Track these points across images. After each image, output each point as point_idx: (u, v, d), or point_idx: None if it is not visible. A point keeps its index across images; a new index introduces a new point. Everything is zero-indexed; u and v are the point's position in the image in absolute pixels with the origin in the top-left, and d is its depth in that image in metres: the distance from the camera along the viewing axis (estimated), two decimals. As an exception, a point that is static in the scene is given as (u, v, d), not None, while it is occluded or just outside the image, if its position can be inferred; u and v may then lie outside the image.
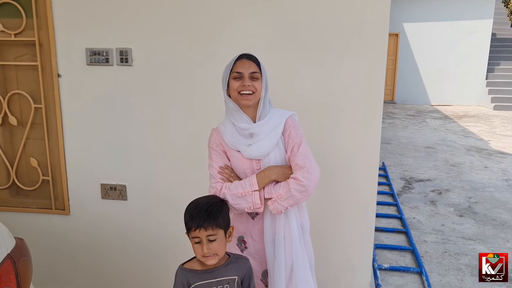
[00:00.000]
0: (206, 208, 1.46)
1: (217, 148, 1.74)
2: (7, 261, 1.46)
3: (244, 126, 1.66)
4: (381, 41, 2.15)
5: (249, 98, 1.64)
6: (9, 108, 2.52)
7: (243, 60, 1.66)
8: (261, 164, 1.69)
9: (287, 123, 1.72)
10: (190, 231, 1.44)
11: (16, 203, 2.63)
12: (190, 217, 1.45)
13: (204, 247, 1.42)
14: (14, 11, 2.36)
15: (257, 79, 1.65)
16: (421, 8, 11.68)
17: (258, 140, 1.66)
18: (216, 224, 1.44)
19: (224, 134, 1.72)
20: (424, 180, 5.34)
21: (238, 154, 1.70)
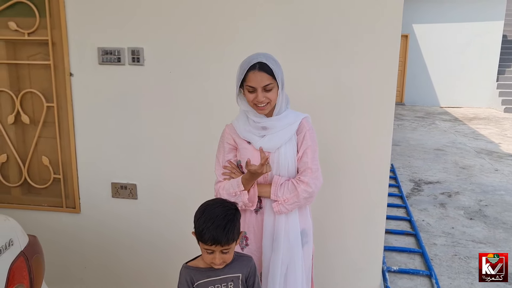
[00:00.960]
0: (224, 224, 1.40)
1: (227, 144, 1.76)
2: (20, 258, 1.48)
3: (259, 119, 1.68)
4: (393, 42, 2.14)
5: (264, 108, 1.65)
6: (21, 107, 2.54)
7: (255, 73, 1.61)
8: (271, 158, 1.67)
9: (302, 124, 1.72)
10: (204, 243, 1.41)
11: (28, 201, 2.65)
12: (206, 231, 1.39)
13: (216, 259, 1.41)
14: (27, 11, 2.39)
15: (271, 89, 1.63)
16: (431, 9, 11.60)
17: (271, 133, 1.67)
18: (232, 239, 1.43)
19: (237, 127, 1.73)
20: (434, 182, 5.30)
21: (249, 146, 1.70)
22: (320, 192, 2.35)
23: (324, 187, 2.34)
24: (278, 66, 1.65)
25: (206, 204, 1.49)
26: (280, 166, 1.68)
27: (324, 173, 2.32)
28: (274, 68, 1.62)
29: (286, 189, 1.65)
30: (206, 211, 1.45)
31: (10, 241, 1.46)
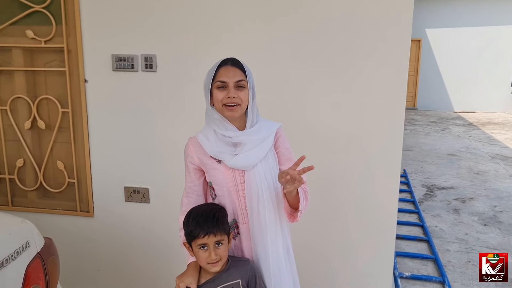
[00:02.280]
0: (213, 214, 1.45)
1: (190, 164, 1.59)
2: (36, 259, 1.52)
3: (230, 134, 1.51)
4: (403, 47, 2.15)
5: (234, 109, 1.48)
6: (38, 113, 2.60)
7: (227, 67, 1.49)
8: (245, 177, 1.52)
9: (279, 135, 1.62)
10: (197, 239, 1.43)
11: (43, 205, 2.71)
12: (197, 225, 1.43)
13: (212, 253, 1.43)
14: (44, 19, 2.45)
15: (243, 88, 1.50)
16: (444, 14, 11.53)
17: (246, 150, 1.50)
18: (224, 230, 1.45)
19: (204, 144, 1.55)
20: (447, 188, 5.25)
21: (220, 165, 1.53)
22: (331, 196, 2.36)
23: (334, 191, 2.36)
24: (250, 71, 1.55)
25: (191, 209, 1.53)
26: (258, 184, 1.52)
27: (334, 177, 2.34)
28: (247, 69, 1.53)
29: (304, 198, 1.55)
30: (193, 212, 1.50)
31: (27, 243, 1.50)
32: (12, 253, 1.42)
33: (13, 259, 1.41)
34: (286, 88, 2.29)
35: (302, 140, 2.32)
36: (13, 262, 1.41)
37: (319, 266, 2.46)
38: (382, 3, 2.12)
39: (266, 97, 2.31)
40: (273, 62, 2.27)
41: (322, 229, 2.41)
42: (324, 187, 2.35)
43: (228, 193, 1.55)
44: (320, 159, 2.33)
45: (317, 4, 2.18)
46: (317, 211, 2.39)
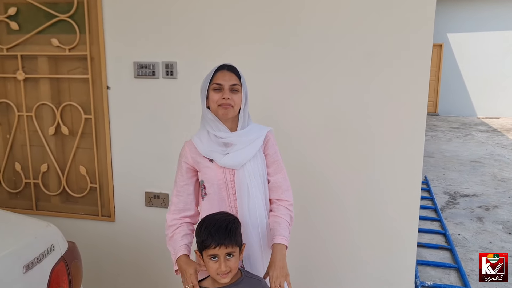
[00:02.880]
0: (226, 225, 1.44)
1: (184, 164, 1.69)
2: (61, 263, 1.55)
3: (222, 134, 1.62)
4: (425, 52, 2.13)
5: (228, 108, 1.60)
6: (61, 119, 2.66)
7: (224, 72, 1.62)
8: (235, 175, 1.63)
9: (268, 138, 1.70)
10: (208, 249, 1.43)
11: (66, 209, 2.76)
12: (208, 235, 1.43)
13: (222, 264, 1.41)
14: (69, 28, 2.51)
15: (237, 92, 1.61)
16: (467, 18, 11.34)
17: (235, 150, 1.61)
18: (235, 242, 1.44)
19: (197, 145, 1.66)
20: (470, 195, 5.14)
21: (212, 164, 1.64)
22: (350, 202, 2.34)
23: (355, 198, 2.34)
24: (244, 78, 1.66)
25: (205, 218, 1.53)
26: (246, 183, 1.63)
27: (355, 184, 2.32)
28: (241, 75, 1.65)
29: (284, 228, 1.62)
30: (206, 221, 1.50)
31: (51, 246, 1.54)
32: (37, 256, 1.45)
33: (38, 262, 1.44)
34: (306, 95, 2.29)
35: (322, 146, 2.31)
36: (38, 265, 1.44)
37: (337, 273, 2.43)
38: (403, 8, 2.11)
39: (287, 103, 2.32)
40: (292, 69, 2.27)
41: (340, 236, 2.39)
42: (343, 193, 2.34)
43: (218, 191, 1.64)
44: (339, 166, 2.32)
45: (337, 11, 2.18)
46: (337, 218, 2.38)
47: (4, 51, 2.62)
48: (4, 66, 2.70)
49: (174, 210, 1.68)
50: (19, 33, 2.60)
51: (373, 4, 2.14)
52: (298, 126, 2.33)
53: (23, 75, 2.63)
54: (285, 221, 1.64)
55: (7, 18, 2.59)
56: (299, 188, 2.33)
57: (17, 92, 2.69)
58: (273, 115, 2.32)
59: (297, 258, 2.43)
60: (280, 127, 2.20)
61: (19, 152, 2.79)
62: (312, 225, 2.41)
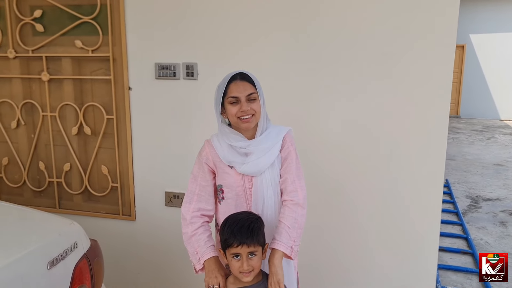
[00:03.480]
0: (248, 224, 1.46)
1: (205, 165, 1.67)
2: (83, 260, 1.58)
3: (241, 144, 1.60)
4: (448, 54, 2.09)
5: (250, 120, 1.57)
6: (84, 119, 2.71)
7: (237, 83, 1.57)
8: (253, 182, 1.62)
9: (285, 141, 1.67)
10: (230, 247, 1.45)
11: (88, 208, 2.81)
12: (231, 234, 1.45)
13: (244, 263, 1.43)
14: (92, 30, 2.56)
15: (255, 100, 1.57)
16: (489, 19, 11.11)
17: (255, 158, 1.59)
18: (258, 241, 1.45)
19: (218, 150, 1.64)
20: (493, 199, 5.03)
21: (231, 170, 1.63)
22: (372, 206, 2.32)
23: (376, 201, 2.31)
24: (258, 82, 1.62)
25: (228, 217, 1.54)
26: (264, 190, 1.63)
27: (376, 186, 2.30)
28: (255, 80, 1.61)
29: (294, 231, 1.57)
30: (229, 220, 1.51)
31: (75, 244, 1.56)
32: (61, 253, 1.48)
33: (62, 259, 1.47)
34: (326, 97, 2.28)
35: (342, 148, 2.30)
36: (62, 261, 1.47)
37: (356, 277, 2.41)
38: (426, 9, 2.08)
39: (307, 105, 2.31)
40: (313, 71, 2.27)
41: (360, 239, 2.37)
42: (364, 196, 2.31)
43: (236, 197, 1.65)
44: (361, 167, 2.30)
45: (359, 13, 2.16)
46: (357, 221, 2.35)
47: (29, 52, 2.68)
48: (29, 67, 2.76)
49: (194, 208, 1.66)
50: (44, 35, 2.66)
51: (395, 6, 2.12)
52: (318, 128, 2.32)
53: (47, 76, 2.69)
54: (283, 225, 1.57)
55: (33, 20, 2.65)
56: (317, 190, 2.32)
57: (42, 93, 2.76)
58: (292, 117, 2.32)
59: (314, 262, 2.42)
60: (299, 129, 2.19)
61: (43, 151, 2.85)
62: (330, 228, 2.40)
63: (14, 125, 2.82)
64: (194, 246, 1.63)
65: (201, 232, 1.64)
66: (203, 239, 1.63)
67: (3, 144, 2.89)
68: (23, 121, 2.81)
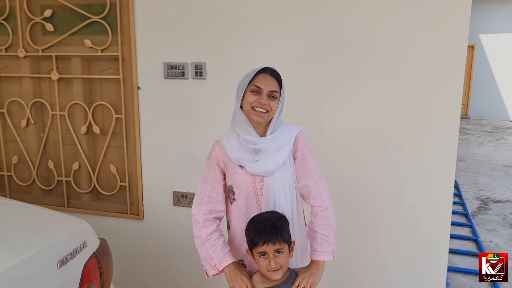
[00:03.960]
0: (272, 223, 1.47)
1: (216, 165, 1.65)
2: (92, 259, 1.58)
3: (251, 139, 1.57)
4: (459, 54, 2.07)
5: (262, 115, 1.55)
6: (93, 118, 2.72)
7: (266, 75, 1.56)
8: (264, 182, 1.60)
9: (298, 141, 1.64)
10: (257, 246, 1.46)
11: (96, 207, 2.82)
12: (256, 233, 1.46)
13: (271, 261, 1.44)
14: (101, 29, 2.57)
15: (275, 99, 1.56)
16: (500, 18, 11.00)
17: (265, 156, 1.56)
18: (283, 239, 1.46)
19: (228, 148, 1.62)
20: (503, 201, 4.97)
21: (241, 170, 1.61)
22: (380, 206, 2.30)
23: (386, 202, 2.29)
24: (284, 85, 1.62)
25: (253, 217, 1.55)
26: (276, 191, 1.59)
27: (385, 187, 2.28)
28: (282, 82, 1.60)
29: (329, 229, 1.62)
30: (254, 220, 1.53)
31: (84, 243, 1.57)
32: (71, 251, 1.48)
33: (72, 258, 1.47)
34: (337, 97, 2.26)
35: (349, 148, 2.28)
36: (72, 260, 1.47)
37: (366, 280, 2.39)
38: (437, 9, 2.06)
39: (316, 104, 2.30)
40: (323, 70, 2.25)
41: (369, 241, 2.35)
42: (373, 197, 2.30)
43: (247, 198, 1.62)
44: (370, 169, 2.28)
45: (371, 11, 2.15)
46: (365, 222, 2.34)
47: (39, 52, 2.70)
48: (39, 66, 2.78)
49: (206, 210, 1.64)
50: (54, 35, 2.68)
51: (407, 6, 2.10)
52: (325, 129, 2.30)
53: (57, 75, 2.70)
54: (320, 234, 1.60)
55: (43, 20, 2.67)
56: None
57: (51, 92, 2.77)
58: (300, 117, 2.30)
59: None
60: (308, 129, 2.18)
61: (52, 150, 2.87)
62: (338, 229, 2.36)
63: (24, 124, 2.84)
64: (209, 252, 1.61)
65: (216, 238, 1.62)
66: (219, 244, 1.61)
67: (13, 142, 2.91)
68: (32, 120, 2.83)
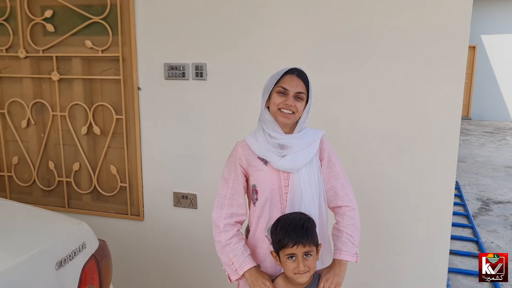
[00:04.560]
0: (302, 224, 1.42)
1: (239, 166, 1.61)
2: (91, 260, 1.58)
3: (277, 135, 1.56)
4: (461, 54, 2.07)
5: (288, 117, 1.54)
6: (93, 119, 2.72)
7: (293, 77, 1.55)
8: (290, 180, 1.56)
9: (324, 143, 1.65)
10: (285, 248, 1.40)
11: (97, 207, 2.82)
12: (285, 234, 1.40)
13: (300, 264, 1.39)
14: (102, 30, 2.57)
15: (301, 100, 1.55)
16: (502, 19, 10.97)
17: (293, 152, 1.54)
18: (312, 241, 1.42)
19: (252, 144, 1.59)
20: (504, 202, 4.96)
21: (266, 167, 1.57)
22: (380, 206, 2.29)
23: (386, 202, 2.29)
24: (311, 86, 1.60)
25: (280, 217, 1.50)
26: (302, 189, 1.57)
27: (384, 187, 2.27)
28: (310, 83, 1.59)
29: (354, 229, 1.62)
30: (281, 220, 1.47)
31: (83, 244, 1.56)
32: (70, 253, 1.48)
33: (70, 259, 1.47)
34: (337, 95, 2.26)
35: (350, 148, 2.27)
36: (70, 262, 1.47)
37: (366, 281, 2.39)
38: (439, 9, 2.06)
39: (316, 102, 2.29)
40: (322, 70, 2.25)
41: (370, 240, 2.34)
42: (375, 197, 2.29)
43: (271, 196, 1.57)
44: (370, 168, 2.28)
45: (371, 11, 2.14)
46: (365, 223, 2.33)
47: (40, 52, 2.70)
48: (40, 67, 2.78)
49: (227, 214, 1.60)
50: (54, 35, 2.68)
51: (408, 6, 2.09)
52: (325, 128, 2.29)
53: (57, 76, 2.70)
54: (346, 234, 1.59)
55: (44, 20, 2.67)
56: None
57: (52, 93, 2.77)
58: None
59: (325, 263, 2.39)
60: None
61: (52, 151, 2.86)
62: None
63: (25, 125, 2.84)
64: (229, 256, 1.58)
65: (236, 242, 1.58)
66: (239, 248, 1.57)
67: (13, 143, 2.92)
68: (33, 120, 2.83)
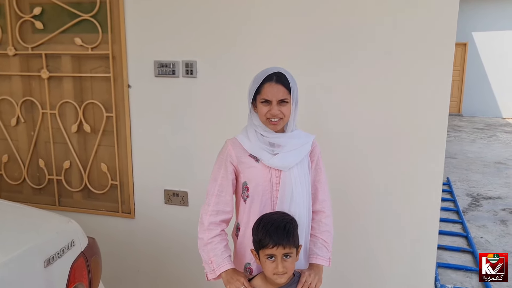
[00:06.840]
0: (284, 225, 1.42)
1: (229, 164, 1.61)
2: (80, 258, 1.58)
3: (270, 134, 1.57)
4: (447, 51, 2.09)
5: (277, 123, 1.55)
6: (84, 117, 2.71)
7: (272, 84, 1.53)
8: (281, 177, 1.57)
9: (316, 147, 1.69)
10: (265, 248, 1.40)
11: (87, 205, 2.81)
12: (266, 234, 1.40)
13: (279, 265, 1.39)
14: (92, 27, 2.56)
15: (286, 103, 1.54)
16: (492, 16, 11.07)
17: (285, 151, 1.56)
18: (293, 243, 1.42)
19: (244, 142, 1.60)
20: (494, 197, 5.02)
21: (258, 164, 1.57)
22: (369, 204, 2.31)
23: (375, 199, 2.31)
24: (295, 81, 1.58)
25: (262, 216, 1.50)
26: (293, 187, 1.57)
27: (373, 183, 2.29)
28: (291, 83, 1.56)
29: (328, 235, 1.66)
30: (263, 220, 1.47)
31: (72, 242, 1.57)
32: (58, 251, 1.48)
33: (59, 257, 1.47)
34: (325, 94, 2.27)
35: (338, 145, 2.29)
36: (59, 259, 1.47)
37: (356, 276, 2.41)
38: (426, 7, 2.07)
39: (305, 102, 2.30)
40: (313, 70, 2.26)
41: (358, 238, 2.36)
42: (363, 194, 2.31)
43: (262, 193, 1.58)
44: (358, 165, 2.29)
45: (358, 11, 2.15)
46: (354, 219, 2.35)
47: (29, 50, 2.68)
48: (29, 64, 2.76)
49: (213, 211, 1.60)
50: (43, 32, 2.66)
51: (395, 3, 2.11)
52: (315, 129, 2.31)
53: (47, 74, 2.68)
54: (321, 240, 1.64)
55: (33, 18, 2.65)
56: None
57: (41, 90, 2.76)
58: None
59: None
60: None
61: (42, 149, 2.85)
62: (330, 225, 2.39)
63: (14, 123, 2.82)
64: (209, 255, 1.59)
65: (218, 241, 1.59)
66: (220, 248, 1.58)
67: (3, 141, 2.90)
68: (22, 118, 2.81)
